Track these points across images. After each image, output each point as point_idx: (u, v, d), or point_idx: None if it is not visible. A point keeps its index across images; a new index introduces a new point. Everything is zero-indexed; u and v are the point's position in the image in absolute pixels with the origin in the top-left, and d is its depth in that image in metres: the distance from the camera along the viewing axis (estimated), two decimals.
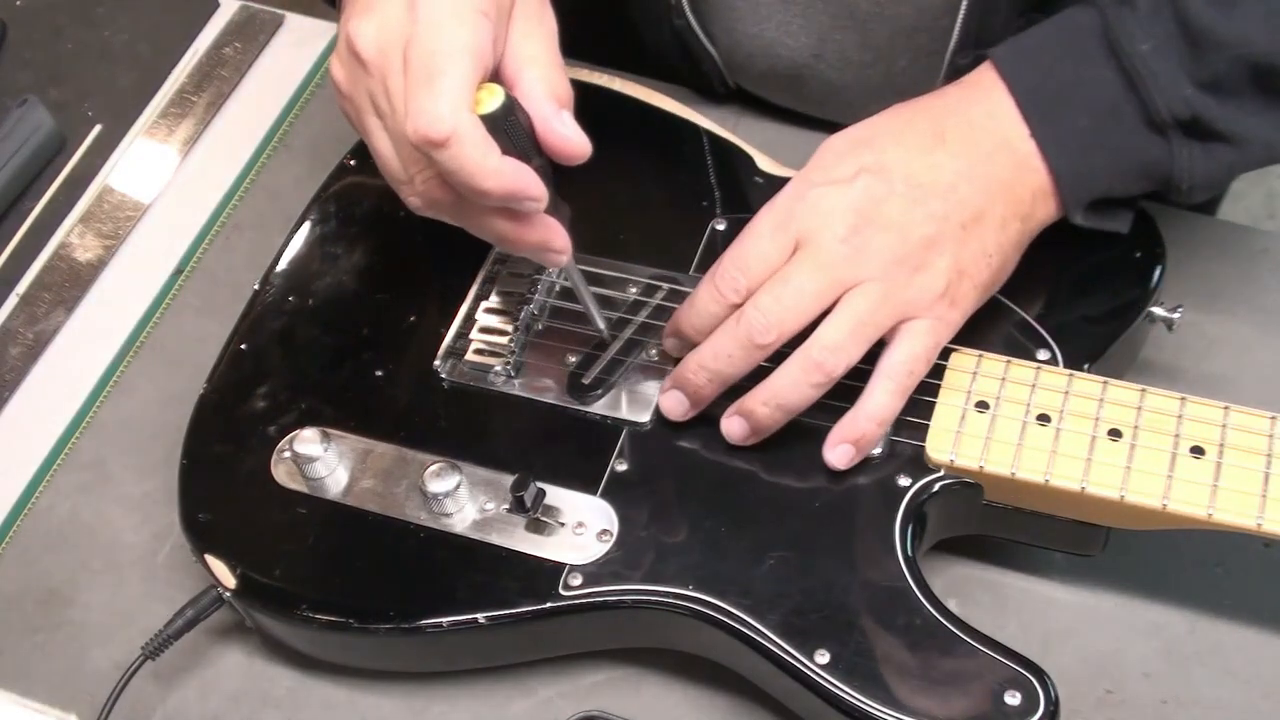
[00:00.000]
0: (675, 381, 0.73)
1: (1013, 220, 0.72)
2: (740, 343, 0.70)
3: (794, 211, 0.71)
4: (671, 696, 0.74)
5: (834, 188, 0.71)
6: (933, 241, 0.70)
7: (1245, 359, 0.81)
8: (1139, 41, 0.70)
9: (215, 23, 1.03)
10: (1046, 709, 0.64)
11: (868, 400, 0.70)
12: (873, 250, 0.69)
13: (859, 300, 0.69)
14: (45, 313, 0.90)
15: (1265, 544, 0.68)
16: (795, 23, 0.86)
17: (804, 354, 0.69)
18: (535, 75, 0.67)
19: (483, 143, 0.63)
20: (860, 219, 0.69)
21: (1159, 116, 0.70)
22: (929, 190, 0.70)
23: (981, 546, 0.76)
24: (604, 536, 0.71)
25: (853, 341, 0.69)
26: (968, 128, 0.72)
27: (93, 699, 0.74)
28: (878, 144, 0.72)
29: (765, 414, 0.71)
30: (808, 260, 0.70)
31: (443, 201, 0.68)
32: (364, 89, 0.67)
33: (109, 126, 0.98)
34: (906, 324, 0.70)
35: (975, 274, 0.71)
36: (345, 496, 0.74)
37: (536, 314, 0.79)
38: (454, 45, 0.63)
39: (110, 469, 0.84)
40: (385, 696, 0.75)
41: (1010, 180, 0.72)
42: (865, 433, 0.70)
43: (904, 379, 0.70)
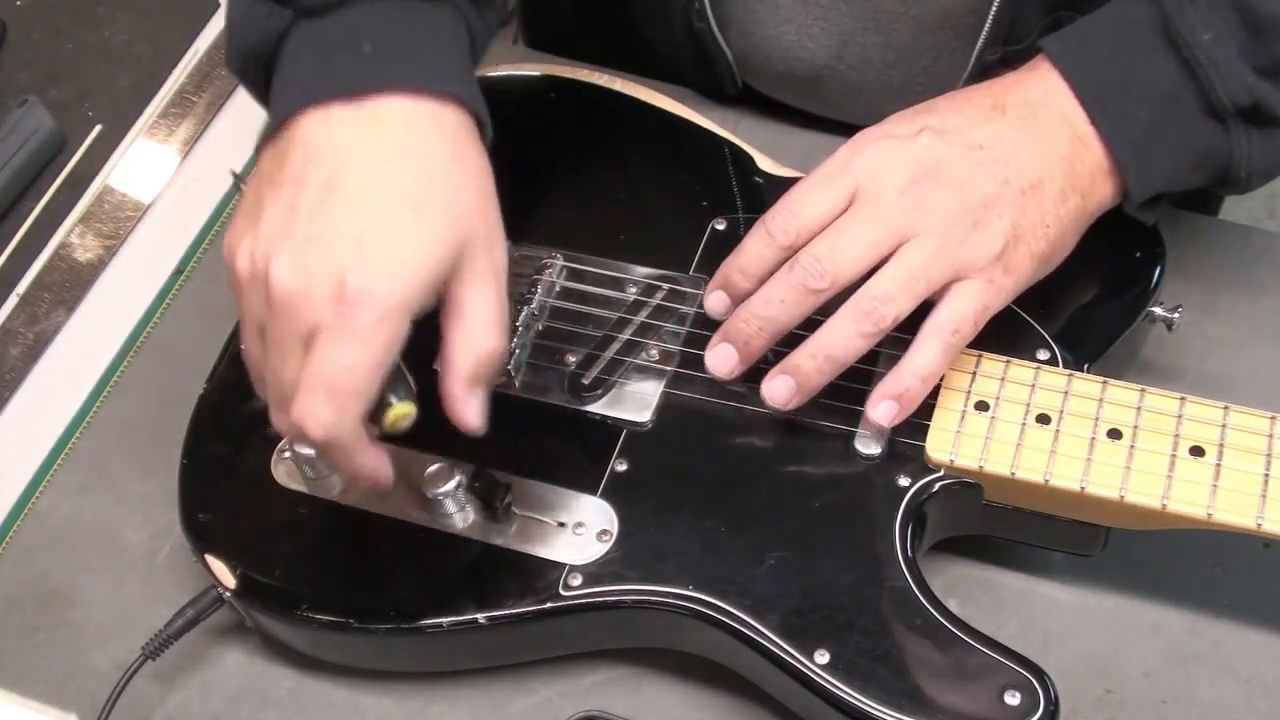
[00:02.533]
0: (724, 334, 0.72)
1: (1072, 194, 0.71)
2: (793, 287, 0.69)
3: (852, 162, 0.70)
4: (671, 696, 0.74)
5: (896, 141, 0.70)
6: (992, 202, 0.69)
7: (1245, 359, 0.81)
8: (1200, 31, 0.70)
9: (215, 23, 1.03)
10: (1046, 709, 0.64)
11: (912, 357, 0.69)
12: (932, 204, 0.69)
13: (914, 253, 0.68)
14: (45, 313, 0.90)
15: (1265, 544, 0.68)
16: (817, 25, 0.86)
17: (854, 304, 0.68)
18: (463, 339, 0.65)
19: (354, 446, 0.64)
20: (921, 172, 0.69)
21: (1219, 104, 0.70)
22: (990, 154, 0.70)
23: (981, 546, 0.76)
24: (604, 536, 0.71)
25: (904, 293, 0.68)
26: (1026, 104, 0.72)
27: (93, 699, 0.74)
28: (939, 110, 0.72)
29: (812, 367, 0.70)
30: (866, 209, 0.69)
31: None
32: (257, 314, 0.64)
33: (109, 126, 0.98)
34: (958, 283, 0.69)
35: (1032, 242, 0.70)
36: (345, 496, 0.74)
37: (536, 314, 0.79)
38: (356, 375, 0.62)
39: (110, 469, 0.84)
40: (385, 696, 0.75)
41: (1070, 155, 0.71)
42: (909, 388, 0.69)
43: (949, 337, 0.69)
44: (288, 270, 0.62)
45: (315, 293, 0.61)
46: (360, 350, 0.61)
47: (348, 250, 0.62)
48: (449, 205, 0.64)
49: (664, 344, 0.77)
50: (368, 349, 0.61)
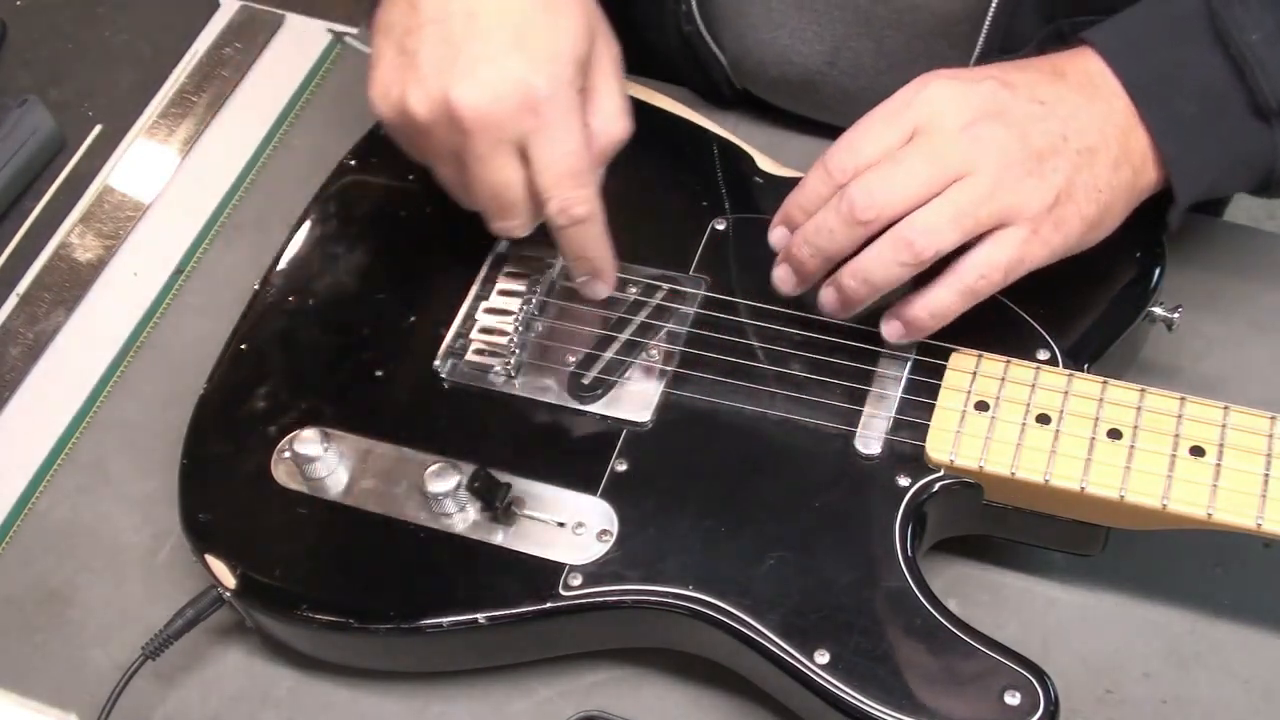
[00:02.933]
0: (784, 254, 0.73)
1: (1125, 165, 0.71)
2: (842, 218, 0.69)
3: (913, 100, 0.70)
4: (671, 696, 0.74)
5: (961, 82, 0.70)
6: (1048, 155, 0.69)
7: (1245, 359, 0.81)
8: (1249, 31, 0.70)
9: (215, 23, 1.03)
10: (1046, 709, 0.64)
11: (930, 291, 0.70)
12: (990, 143, 0.68)
13: (965, 190, 0.68)
14: (45, 313, 0.91)
15: (1265, 544, 0.68)
16: (810, 30, 0.86)
17: (896, 231, 0.68)
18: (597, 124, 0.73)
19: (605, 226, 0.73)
20: (982, 113, 0.69)
21: (1267, 104, 0.71)
22: (1051, 108, 0.70)
23: (981, 546, 0.76)
24: (604, 536, 0.71)
25: (949, 228, 0.68)
26: (1085, 74, 0.72)
27: (93, 699, 0.74)
28: (1001, 66, 0.72)
29: (852, 287, 0.70)
30: (924, 145, 0.69)
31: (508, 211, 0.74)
32: (451, 144, 0.71)
33: (109, 126, 0.98)
34: (1002, 229, 0.69)
35: (1083, 203, 0.70)
36: (345, 496, 0.74)
37: (536, 314, 0.79)
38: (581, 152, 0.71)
39: (110, 469, 0.84)
40: (385, 696, 0.75)
41: (1125, 128, 0.71)
42: (916, 319, 0.70)
43: (973, 281, 0.69)
44: (472, 93, 0.69)
45: (507, 104, 0.69)
46: (573, 130, 0.70)
47: (515, 58, 0.69)
48: (576, 1, 0.72)
49: (664, 344, 0.77)
50: (575, 125, 0.70)
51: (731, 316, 0.77)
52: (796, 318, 0.76)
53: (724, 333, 0.77)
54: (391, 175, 0.86)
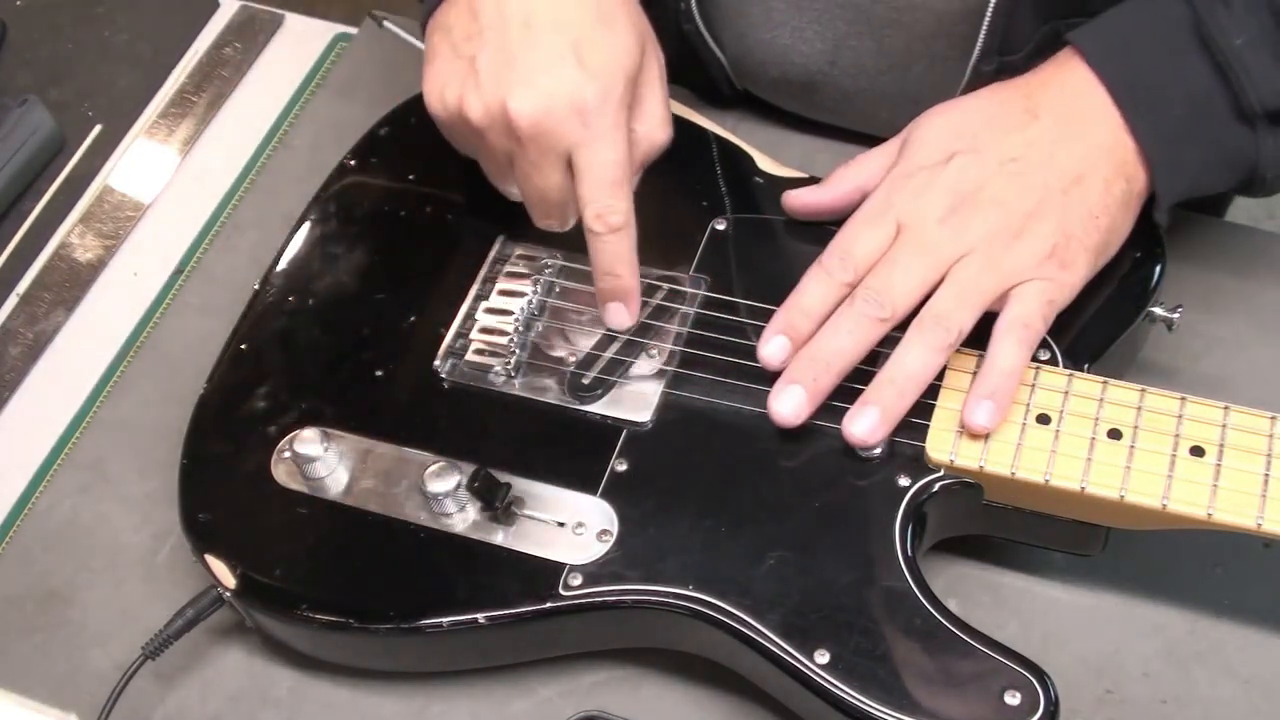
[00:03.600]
0: (790, 377, 0.72)
1: (1117, 180, 0.72)
2: (858, 319, 0.71)
3: (891, 200, 0.73)
4: (671, 696, 0.74)
5: (929, 172, 0.72)
6: (1034, 212, 0.71)
7: (1245, 359, 0.81)
8: (1233, 35, 0.71)
9: (215, 23, 1.03)
10: (1046, 709, 0.64)
11: (994, 358, 0.71)
12: (972, 227, 0.71)
13: (962, 271, 0.71)
14: (45, 313, 0.91)
15: (1265, 544, 0.68)
16: (810, 29, 0.86)
17: (919, 325, 0.71)
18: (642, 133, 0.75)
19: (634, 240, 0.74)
20: (958, 200, 0.71)
21: (1250, 108, 0.71)
22: (1025, 163, 0.72)
23: (981, 546, 0.76)
24: (604, 536, 0.71)
25: (961, 308, 0.70)
26: (1062, 100, 0.73)
27: (93, 699, 0.74)
28: (970, 127, 0.74)
29: (895, 391, 0.71)
30: (911, 243, 0.71)
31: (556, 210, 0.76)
32: (506, 149, 0.73)
33: (109, 126, 0.98)
34: (1017, 288, 0.71)
35: (1084, 236, 0.71)
36: (345, 496, 0.74)
37: (536, 314, 0.79)
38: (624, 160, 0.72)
39: (110, 469, 0.84)
40: (385, 696, 0.75)
41: (1111, 144, 0.72)
42: (998, 386, 0.70)
43: (1021, 332, 0.70)
44: (528, 102, 0.71)
45: (559, 113, 0.71)
46: (617, 143, 0.72)
47: (570, 69, 0.71)
48: (628, 13, 0.74)
49: (664, 344, 0.77)
50: (620, 138, 0.72)
51: (732, 316, 0.77)
52: None
53: (724, 333, 0.77)
54: (391, 175, 0.86)
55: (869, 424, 0.71)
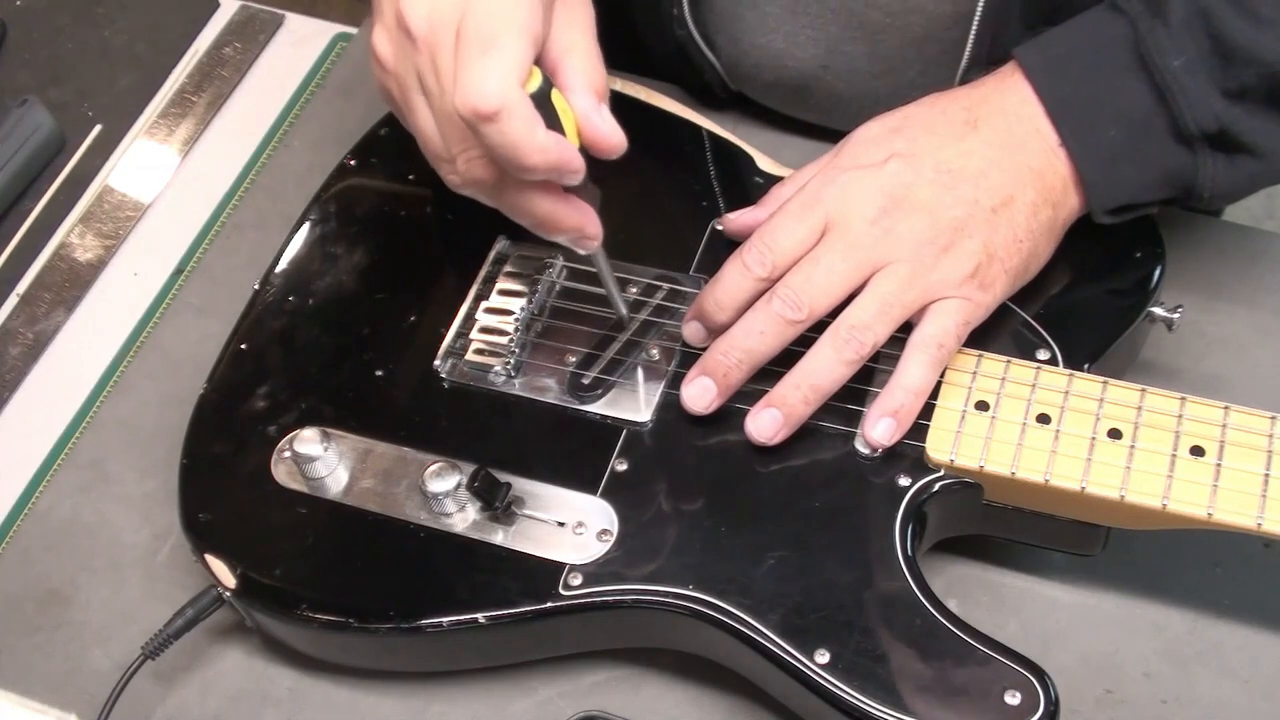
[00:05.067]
0: (703, 368, 0.73)
1: (1044, 206, 0.72)
2: (772, 318, 0.70)
3: (822, 194, 0.72)
4: (671, 696, 0.74)
5: (864, 171, 0.72)
6: (962, 225, 0.70)
7: (1245, 359, 0.81)
8: (1171, 56, 0.70)
9: (215, 23, 1.03)
10: (1046, 709, 0.64)
11: (902, 373, 0.71)
12: (901, 232, 0.70)
13: (886, 281, 0.70)
14: (45, 313, 0.91)
15: (1265, 544, 0.68)
16: (804, 34, 0.86)
17: (833, 333, 0.70)
18: (575, 65, 0.67)
19: (530, 118, 0.63)
20: (890, 202, 0.71)
21: (1187, 130, 0.71)
22: (958, 175, 0.71)
23: (981, 546, 0.76)
24: (604, 536, 0.71)
25: (880, 320, 0.70)
26: (1000, 116, 0.73)
27: (93, 699, 0.74)
28: (909, 131, 0.73)
29: (798, 398, 0.71)
30: (837, 241, 0.71)
31: (484, 181, 0.68)
32: (411, 65, 0.67)
33: (109, 126, 0.98)
34: (935, 304, 0.71)
35: (1006, 258, 0.71)
36: (345, 496, 0.74)
37: (536, 314, 0.79)
38: (510, 22, 0.63)
39: (110, 469, 0.84)
40: (385, 696, 0.75)
41: (1041, 168, 0.72)
42: (903, 404, 0.70)
43: (935, 350, 0.70)
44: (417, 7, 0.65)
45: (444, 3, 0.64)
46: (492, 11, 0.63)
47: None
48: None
49: (664, 344, 0.77)
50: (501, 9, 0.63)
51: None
52: None
53: None
54: (391, 175, 0.86)
55: (769, 425, 0.71)
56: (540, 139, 0.63)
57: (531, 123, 0.63)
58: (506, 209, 0.70)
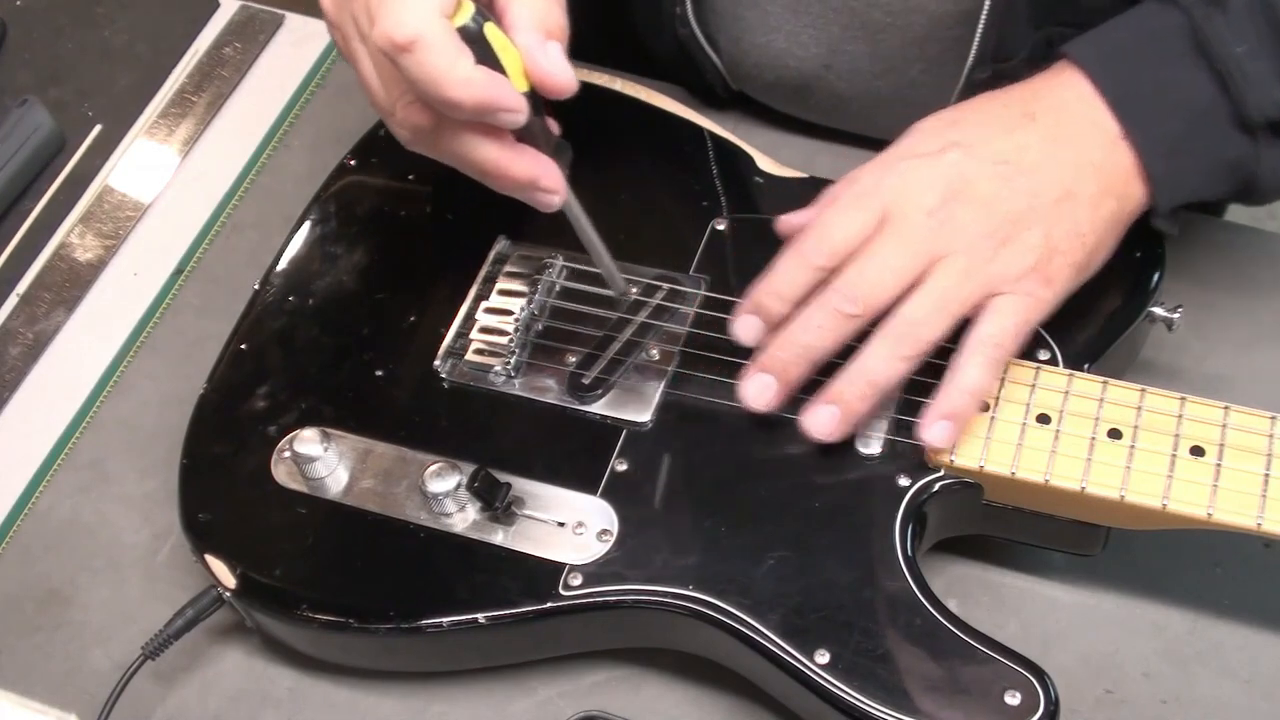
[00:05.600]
0: (761, 364, 0.71)
1: (1107, 199, 0.71)
2: (829, 314, 0.69)
3: (880, 184, 0.70)
4: (671, 696, 0.74)
5: (922, 161, 0.70)
6: (1021, 216, 0.69)
7: (1245, 359, 0.81)
8: (1232, 44, 0.70)
9: (215, 23, 1.03)
10: (1046, 709, 0.64)
11: (959, 374, 0.69)
12: (959, 224, 0.69)
13: (943, 275, 0.68)
14: (45, 313, 0.91)
15: (1265, 544, 0.68)
16: (806, 33, 0.86)
17: (890, 328, 0.69)
18: (524, 4, 0.65)
19: (451, 49, 0.61)
20: (948, 193, 0.69)
21: (1250, 118, 0.70)
22: (1017, 167, 0.70)
23: (981, 546, 0.76)
24: (604, 536, 0.71)
25: (938, 315, 0.68)
26: (1058, 109, 0.72)
27: (93, 699, 0.74)
28: (965, 124, 0.72)
29: (854, 394, 0.69)
30: (894, 233, 0.69)
31: (424, 127, 0.66)
32: (348, 12, 0.66)
33: (109, 126, 0.98)
34: (995, 298, 0.69)
35: (1069, 251, 0.70)
36: (345, 496, 0.74)
37: (536, 314, 0.79)
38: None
39: (110, 469, 0.84)
40: (385, 696, 0.75)
41: (1102, 160, 0.71)
42: (959, 406, 0.69)
43: (992, 351, 0.69)
44: None
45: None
46: None
47: None
48: None
49: (664, 344, 0.77)
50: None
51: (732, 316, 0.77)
52: None
53: (724, 332, 0.77)
54: (391, 175, 0.86)
55: (828, 422, 0.70)
56: (462, 71, 0.61)
57: (453, 54, 0.61)
58: (449, 157, 0.67)
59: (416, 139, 0.68)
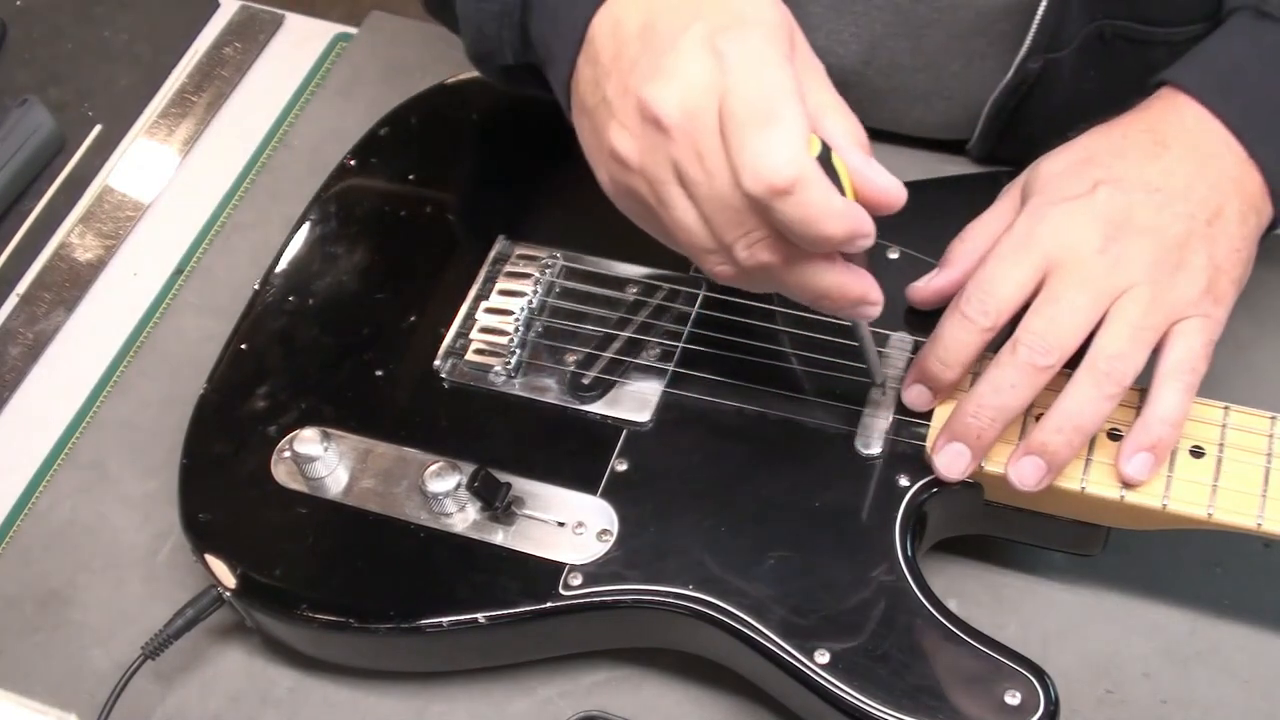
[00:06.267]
0: (952, 433, 0.69)
1: (1250, 214, 0.70)
2: (1020, 370, 0.67)
3: (1035, 233, 0.68)
4: (671, 696, 0.74)
5: (1074, 203, 0.69)
6: (1184, 241, 0.68)
7: (1246, 359, 0.81)
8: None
9: (215, 23, 1.03)
10: (1046, 709, 0.64)
11: (1157, 404, 0.68)
12: (1132, 257, 0.67)
13: (1130, 306, 0.67)
14: (45, 313, 0.91)
15: (1265, 544, 0.68)
16: (847, 31, 0.85)
17: (1091, 368, 0.67)
18: (836, 123, 0.63)
19: (826, 184, 0.60)
20: (1112, 228, 0.68)
21: None
22: (1169, 194, 0.69)
23: (981, 546, 0.76)
24: (604, 536, 0.71)
25: (1134, 347, 0.67)
26: (1185, 134, 0.70)
27: (93, 699, 0.74)
28: (1101, 160, 0.70)
29: (1061, 441, 0.67)
30: (1070, 277, 0.67)
31: (770, 264, 0.63)
32: (665, 158, 0.62)
33: (109, 126, 0.98)
34: (1177, 325, 0.68)
35: (1230, 269, 0.69)
36: (345, 496, 0.74)
37: (537, 314, 0.79)
38: (781, 89, 0.60)
39: (110, 469, 0.84)
40: (385, 696, 0.75)
41: (1239, 176, 0.70)
42: (1161, 437, 0.68)
43: (1188, 376, 0.68)
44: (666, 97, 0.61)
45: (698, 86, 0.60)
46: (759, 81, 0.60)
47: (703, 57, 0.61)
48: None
49: (664, 344, 0.77)
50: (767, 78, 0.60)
51: (731, 316, 0.77)
52: (796, 318, 0.76)
53: (724, 332, 0.77)
54: (391, 175, 0.86)
55: (1033, 474, 0.68)
56: (838, 205, 0.60)
57: (829, 189, 0.59)
58: (791, 289, 0.64)
59: (750, 275, 0.64)
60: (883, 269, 0.78)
